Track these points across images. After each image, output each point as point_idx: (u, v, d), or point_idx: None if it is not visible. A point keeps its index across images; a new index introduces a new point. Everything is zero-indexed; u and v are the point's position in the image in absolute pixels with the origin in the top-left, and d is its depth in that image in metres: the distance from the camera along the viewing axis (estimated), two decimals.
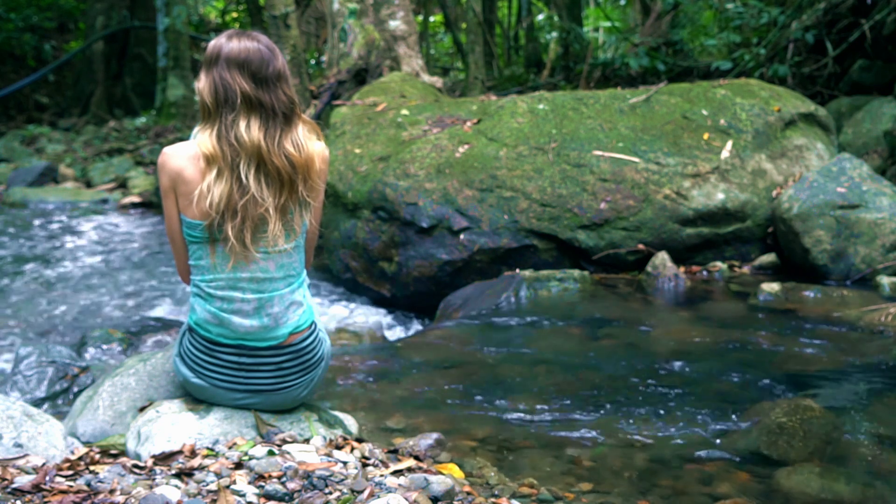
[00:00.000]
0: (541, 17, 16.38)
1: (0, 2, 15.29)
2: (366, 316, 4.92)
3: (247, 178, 2.38)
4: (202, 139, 2.43)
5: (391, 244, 5.13)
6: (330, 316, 4.90)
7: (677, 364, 3.60)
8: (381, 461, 2.40)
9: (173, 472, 2.21)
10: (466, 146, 5.32)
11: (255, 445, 2.39)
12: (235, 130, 2.39)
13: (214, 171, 2.39)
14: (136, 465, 2.28)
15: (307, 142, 2.47)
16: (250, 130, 2.39)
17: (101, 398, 2.67)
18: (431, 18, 18.45)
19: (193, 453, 2.34)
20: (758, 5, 8.85)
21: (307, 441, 2.47)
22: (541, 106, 5.61)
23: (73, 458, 2.36)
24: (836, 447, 2.78)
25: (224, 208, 2.38)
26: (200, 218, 2.42)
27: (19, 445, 2.35)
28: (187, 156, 2.43)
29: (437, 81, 7.92)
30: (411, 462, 2.41)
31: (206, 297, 2.49)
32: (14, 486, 2.08)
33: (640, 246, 4.93)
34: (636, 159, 5.11)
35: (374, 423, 2.96)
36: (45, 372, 3.50)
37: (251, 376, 2.52)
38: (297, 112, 2.48)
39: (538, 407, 3.14)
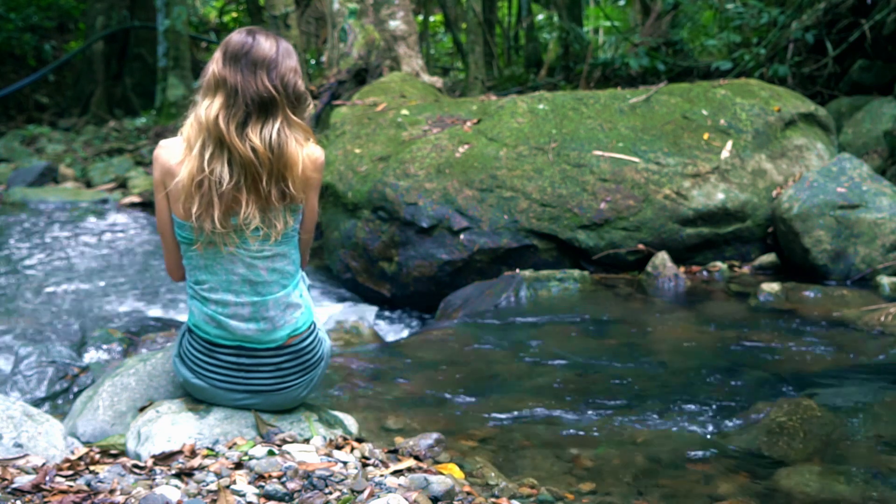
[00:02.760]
0: (541, 17, 16.37)
1: (0, 2, 15.28)
2: (365, 316, 4.92)
3: (202, 155, 2.34)
4: (186, 124, 2.42)
5: (391, 244, 5.13)
6: (330, 316, 4.90)
7: (677, 364, 3.59)
8: (381, 461, 2.39)
9: (173, 472, 2.21)
10: (466, 146, 5.32)
11: (255, 445, 2.39)
12: (199, 108, 2.38)
13: (185, 150, 2.38)
14: (136, 465, 2.28)
15: (285, 141, 2.35)
16: (210, 109, 2.34)
17: (101, 398, 2.67)
18: (431, 18, 18.44)
19: (193, 453, 2.34)
20: (758, 5, 8.85)
21: (307, 441, 2.47)
22: (541, 106, 5.61)
23: (73, 458, 2.35)
24: (836, 447, 2.78)
25: (189, 186, 2.34)
26: (186, 217, 2.40)
27: (19, 445, 2.34)
28: (180, 150, 2.41)
29: (437, 81, 7.92)
30: (411, 462, 2.41)
31: (201, 300, 2.48)
32: (14, 486, 2.08)
33: (640, 246, 4.93)
34: (636, 159, 5.11)
35: (374, 423, 2.96)
36: (45, 372, 3.50)
37: (251, 377, 2.51)
38: (281, 106, 2.36)
39: (538, 407, 3.14)
